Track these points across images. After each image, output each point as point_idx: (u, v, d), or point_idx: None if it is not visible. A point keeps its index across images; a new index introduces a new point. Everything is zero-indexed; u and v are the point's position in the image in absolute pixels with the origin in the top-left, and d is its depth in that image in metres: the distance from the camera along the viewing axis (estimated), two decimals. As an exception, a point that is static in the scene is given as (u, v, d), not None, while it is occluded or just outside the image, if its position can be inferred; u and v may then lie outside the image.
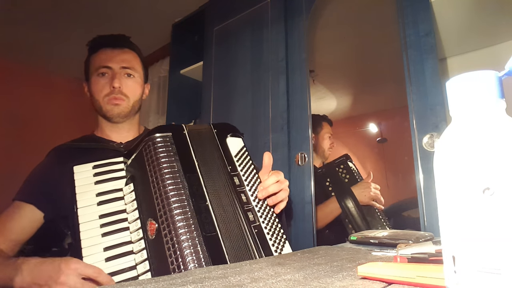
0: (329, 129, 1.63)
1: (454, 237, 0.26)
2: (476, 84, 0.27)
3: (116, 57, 0.99)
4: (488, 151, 0.24)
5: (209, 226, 0.64)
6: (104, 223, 0.68)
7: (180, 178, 0.67)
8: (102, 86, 0.97)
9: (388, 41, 1.38)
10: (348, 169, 1.51)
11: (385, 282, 0.39)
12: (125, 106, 0.99)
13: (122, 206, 0.71)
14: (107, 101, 0.97)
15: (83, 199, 0.70)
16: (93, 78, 0.99)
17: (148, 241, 0.65)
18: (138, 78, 1.03)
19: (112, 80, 0.97)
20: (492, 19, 1.19)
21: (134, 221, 0.68)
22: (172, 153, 0.70)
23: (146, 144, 0.72)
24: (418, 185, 0.96)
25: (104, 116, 1.00)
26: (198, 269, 0.48)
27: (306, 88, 1.30)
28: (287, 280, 0.40)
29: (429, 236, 0.72)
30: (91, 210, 0.69)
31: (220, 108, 1.61)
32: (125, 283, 0.40)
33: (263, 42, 1.47)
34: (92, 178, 0.73)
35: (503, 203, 0.23)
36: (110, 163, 0.76)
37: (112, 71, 0.98)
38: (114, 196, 0.72)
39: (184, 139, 0.74)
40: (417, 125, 0.99)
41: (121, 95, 0.98)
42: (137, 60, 1.04)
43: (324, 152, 1.59)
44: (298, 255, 0.59)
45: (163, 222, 0.63)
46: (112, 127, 1.02)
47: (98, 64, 0.99)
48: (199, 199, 0.66)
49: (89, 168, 0.74)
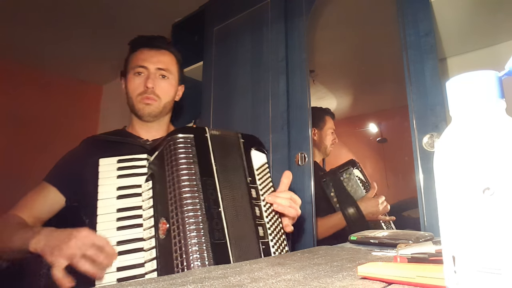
0: (332, 123, 1.60)
1: (454, 237, 0.26)
2: (476, 84, 0.27)
3: (153, 58, 1.03)
4: (488, 151, 0.24)
5: (219, 233, 0.63)
6: (121, 217, 0.70)
7: (196, 181, 0.66)
8: (137, 85, 1.01)
9: (388, 41, 1.38)
10: (354, 178, 1.43)
11: (385, 282, 0.39)
12: (156, 106, 1.02)
13: (140, 202, 0.72)
14: (139, 99, 1.01)
15: (104, 191, 0.72)
16: (130, 76, 1.03)
17: (159, 240, 0.66)
18: (172, 80, 1.06)
19: (147, 80, 1.00)
20: (492, 19, 1.19)
21: (148, 219, 0.69)
22: (192, 155, 0.70)
23: (167, 144, 0.72)
24: (418, 185, 0.96)
25: (136, 114, 1.04)
26: (198, 269, 0.48)
27: (306, 88, 1.30)
28: (287, 280, 0.40)
29: (429, 236, 0.72)
30: (110, 203, 0.71)
31: (220, 108, 1.61)
32: (124, 283, 0.40)
33: (263, 42, 1.47)
34: (115, 172, 0.75)
35: (503, 203, 0.23)
36: (134, 158, 0.77)
37: (148, 71, 1.01)
38: (133, 192, 0.73)
39: (205, 143, 0.74)
40: (417, 125, 0.99)
41: (154, 95, 1.01)
42: (173, 62, 1.07)
43: (326, 149, 1.56)
44: (298, 255, 0.59)
45: (174, 223, 0.63)
46: (143, 125, 1.05)
47: (136, 63, 1.02)
48: (212, 204, 0.66)
49: (114, 161, 0.76)
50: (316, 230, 1.20)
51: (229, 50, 1.63)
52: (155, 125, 1.06)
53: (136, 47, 1.06)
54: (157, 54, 1.04)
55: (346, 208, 1.31)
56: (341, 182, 1.41)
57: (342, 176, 1.43)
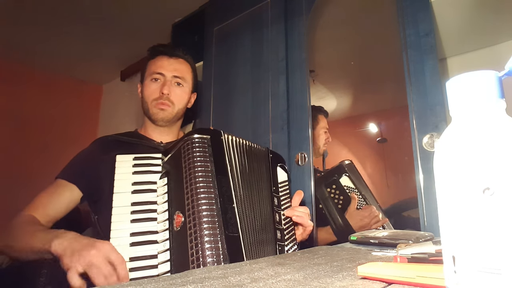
0: (325, 122, 1.58)
1: (454, 237, 0.26)
2: (476, 84, 0.27)
3: (170, 66, 1.08)
4: (488, 151, 0.24)
5: (233, 227, 0.67)
6: (135, 210, 0.72)
7: (211, 178, 0.70)
8: (153, 90, 1.06)
9: (388, 41, 1.38)
10: (341, 187, 1.35)
11: (385, 282, 0.39)
12: (170, 112, 1.07)
13: (154, 198, 0.75)
14: (154, 104, 1.06)
15: (120, 185, 0.75)
16: (147, 81, 1.08)
17: (173, 232, 0.69)
18: (186, 88, 1.11)
19: (163, 86, 1.05)
20: (492, 18, 1.19)
21: (162, 213, 0.72)
22: (208, 154, 0.73)
23: (185, 143, 0.75)
24: (418, 185, 0.96)
25: (150, 118, 1.08)
26: (198, 269, 0.48)
27: (306, 88, 1.30)
28: (287, 280, 0.40)
29: (429, 236, 0.72)
30: (125, 197, 0.74)
31: (220, 108, 1.61)
32: (125, 283, 0.40)
33: (263, 42, 1.47)
34: (131, 168, 0.77)
35: (503, 203, 0.23)
36: (149, 157, 0.80)
37: (164, 78, 1.06)
38: (148, 188, 0.76)
39: (221, 144, 0.78)
40: (417, 125, 0.99)
41: (168, 101, 1.06)
42: (188, 70, 1.12)
43: (319, 149, 1.53)
44: (298, 255, 0.59)
45: (190, 215, 0.66)
46: (155, 128, 1.10)
47: (153, 70, 1.07)
48: (226, 200, 0.70)
49: (130, 159, 0.78)
50: (315, 230, 1.20)
51: (229, 50, 1.63)
52: (167, 130, 1.11)
53: (154, 54, 1.10)
54: (174, 62, 1.09)
55: (334, 223, 1.28)
56: (327, 197, 1.34)
57: (330, 188, 1.36)
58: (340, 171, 1.41)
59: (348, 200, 1.33)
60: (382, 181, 1.54)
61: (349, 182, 1.40)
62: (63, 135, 2.78)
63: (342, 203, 1.34)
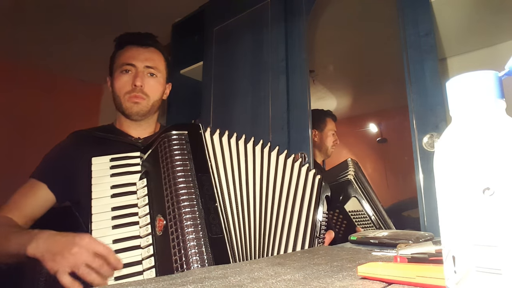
0: (333, 125, 1.60)
1: (454, 237, 0.26)
2: (476, 84, 0.27)
3: (141, 56, 1.00)
4: (488, 151, 0.24)
5: (216, 228, 0.63)
6: (116, 215, 0.69)
7: (191, 177, 0.66)
8: (124, 83, 0.98)
9: (388, 41, 1.38)
10: (346, 215, 1.23)
11: (385, 282, 0.39)
12: (145, 105, 0.99)
13: (135, 200, 0.71)
14: (127, 98, 0.98)
15: (97, 190, 0.71)
16: (117, 74, 1.00)
17: (156, 237, 0.65)
18: (160, 78, 1.03)
19: (135, 78, 0.97)
20: (492, 19, 1.19)
21: (144, 216, 0.69)
22: (186, 152, 0.69)
23: (162, 140, 0.71)
24: (418, 185, 0.96)
25: (123, 113, 1.01)
26: (198, 269, 0.48)
27: (306, 88, 1.30)
28: (287, 280, 0.40)
29: (429, 236, 0.72)
30: (105, 202, 0.70)
31: (220, 108, 1.60)
32: (125, 283, 0.40)
33: (263, 42, 1.47)
34: (108, 170, 0.73)
35: (503, 203, 0.23)
36: (127, 157, 0.76)
37: (136, 69, 0.99)
38: (127, 190, 0.72)
39: (200, 139, 0.73)
40: (417, 125, 0.99)
41: (142, 93, 0.98)
42: (161, 59, 1.05)
43: (327, 150, 1.57)
44: (298, 255, 0.59)
45: (171, 219, 0.63)
46: (131, 123, 1.03)
47: (123, 60, 0.99)
48: (208, 200, 0.66)
49: (107, 160, 0.74)
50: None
51: (229, 50, 1.63)
52: (144, 124, 1.04)
53: (122, 44, 1.03)
54: (145, 51, 1.01)
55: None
56: (334, 223, 1.23)
57: (333, 214, 1.24)
58: (345, 199, 1.28)
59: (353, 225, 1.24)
60: (382, 181, 1.54)
61: (358, 207, 1.28)
62: (63, 135, 2.77)
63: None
